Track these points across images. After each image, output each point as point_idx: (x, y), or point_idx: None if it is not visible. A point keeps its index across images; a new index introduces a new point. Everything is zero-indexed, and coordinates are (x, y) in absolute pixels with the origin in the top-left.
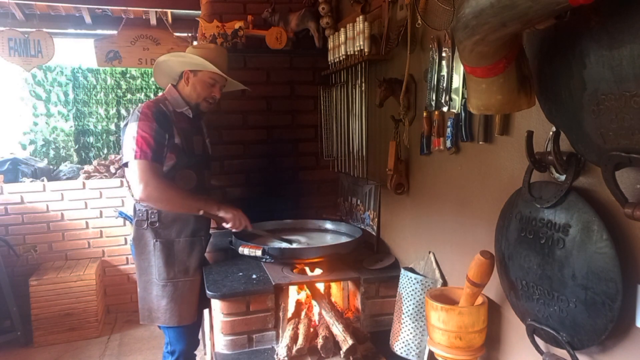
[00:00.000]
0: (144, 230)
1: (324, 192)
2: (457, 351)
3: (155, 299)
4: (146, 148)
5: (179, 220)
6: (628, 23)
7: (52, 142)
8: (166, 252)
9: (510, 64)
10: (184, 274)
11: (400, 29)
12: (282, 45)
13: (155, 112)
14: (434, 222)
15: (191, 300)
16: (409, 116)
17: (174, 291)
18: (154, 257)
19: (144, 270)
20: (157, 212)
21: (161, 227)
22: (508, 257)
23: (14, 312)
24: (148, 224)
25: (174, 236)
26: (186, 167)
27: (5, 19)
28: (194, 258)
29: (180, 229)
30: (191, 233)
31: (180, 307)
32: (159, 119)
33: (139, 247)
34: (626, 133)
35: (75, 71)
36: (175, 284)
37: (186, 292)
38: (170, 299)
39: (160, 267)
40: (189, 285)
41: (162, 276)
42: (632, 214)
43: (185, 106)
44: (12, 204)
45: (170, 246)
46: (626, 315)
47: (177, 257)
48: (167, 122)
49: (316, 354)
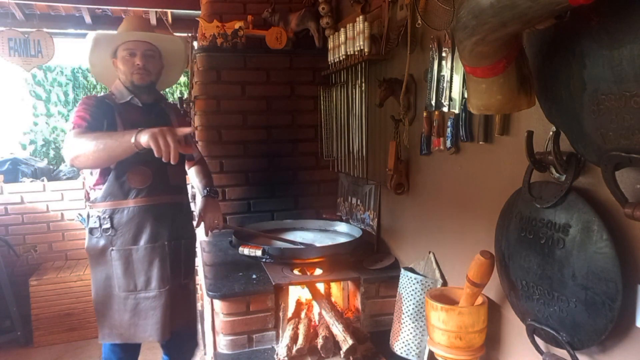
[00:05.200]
0: (98, 239)
1: (324, 192)
2: (457, 351)
3: (115, 313)
4: (81, 121)
5: (133, 224)
6: (628, 23)
7: (52, 142)
8: (124, 262)
9: (510, 64)
10: (146, 285)
11: (400, 29)
12: (282, 45)
13: (95, 99)
14: (434, 222)
15: (158, 316)
16: (409, 116)
17: (136, 305)
18: (112, 267)
19: (102, 282)
20: (109, 217)
21: (116, 234)
22: (508, 257)
23: (14, 312)
24: (101, 231)
25: (130, 244)
26: (139, 162)
27: (5, 19)
28: (156, 268)
29: (136, 234)
30: (150, 239)
31: (143, 323)
32: (98, 104)
33: (94, 258)
34: (626, 133)
35: (75, 71)
36: (137, 297)
37: (149, 307)
38: (134, 313)
39: (119, 278)
40: (153, 299)
41: (122, 288)
42: (632, 214)
43: (129, 94)
44: (12, 204)
45: (128, 255)
46: (626, 315)
47: (136, 267)
48: (108, 110)
49: (316, 354)
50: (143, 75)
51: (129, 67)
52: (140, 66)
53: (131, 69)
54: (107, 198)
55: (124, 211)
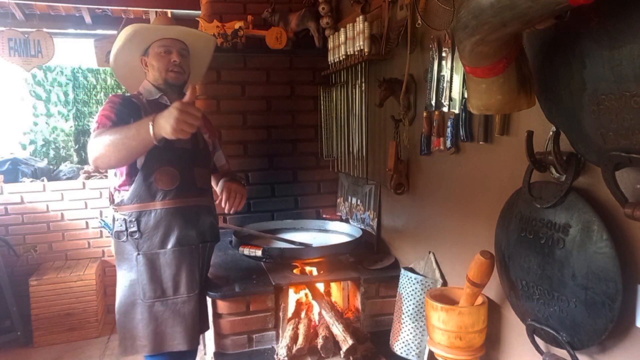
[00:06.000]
0: (124, 243)
1: (324, 192)
2: (457, 351)
3: (139, 323)
4: (106, 120)
5: (161, 227)
6: (628, 23)
7: (52, 142)
8: (150, 267)
9: (510, 64)
10: (174, 291)
11: (400, 29)
12: (282, 45)
13: (122, 97)
14: (434, 222)
15: (185, 322)
16: (409, 116)
17: (163, 312)
18: (137, 273)
19: (126, 289)
20: (136, 220)
21: (142, 238)
22: (508, 257)
23: (14, 312)
24: (127, 234)
25: (157, 247)
26: (166, 164)
27: (5, 19)
28: (185, 272)
29: (163, 238)
30: (178, 242)
31: (172, 331)
32: (125, 102)
33: (120, 262)
34: (626, 133)
35: (75, 71)
36: (165, 303)
37: (177, 313)
38: (159, 322)
39: (144, 284)
40: (181, 305)
41: (147, 295)
42: (632, 214)
43: (158, 93)
44: (12, 204)
45: (155, 259)
46: (626, 315)
47: (164, 271)
48: (135, 109)
49: (316, 354)
50: (179, 74)
51: (164, 64)
52: (177, 63)
53: (167, 65)
54: (134, 200)
55: (151, 214)
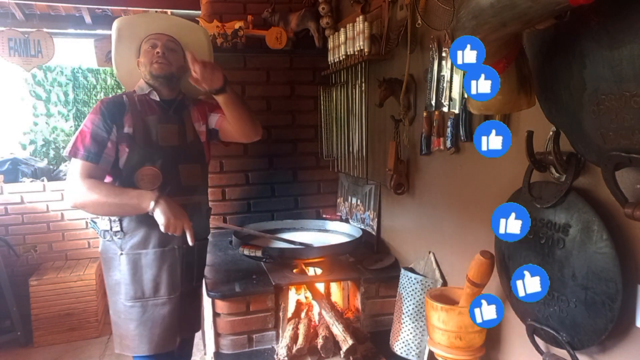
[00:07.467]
0: (109, 242)
1: (324, 192)
2: (457, 351)
3: (124, 323)
4: (79, 144)
5: (143, 227)
6: (628, 23)
7: (52, 142)
8: (132, 267)
9: (510, 64)
10: (154, 291)
11: (400, 29)
12: (282, 45)
13: (106, 103)
14: (434, 222)
15: (165, 324)
16: (409, 116)
17: (143, 313)
18: (120, 273)
19: (112, 289)
20: (119, 220)
21: (125, 238)
22: (508, 257)
23: (14, 312)
24: (111, 234)
25: (139, 248)
26: (148, 163)
27: (5, 19)
28: (166, 273)
29: (145, 238)
30: (159, 243)
31: (151, 332)
32: (107, 110)
33: (105, 262)
34: (626, 133)
35: (75, 71)
36: (144, 305)
37: (157, 315)
38: (139, 322)
39: (127, 285)
40: (161, 306)
41: (129, 295)
42: (632, 214)
43: (148, 88)
44: (12, 204)
45: (137, 260)
46: (626, 315)
47: (145, 272)
48: (118, 112)
49: (316, 354)
50: (162, 65)
51: (149, 58)
52: (159, 54)
53: (151, 59)
54: None
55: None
